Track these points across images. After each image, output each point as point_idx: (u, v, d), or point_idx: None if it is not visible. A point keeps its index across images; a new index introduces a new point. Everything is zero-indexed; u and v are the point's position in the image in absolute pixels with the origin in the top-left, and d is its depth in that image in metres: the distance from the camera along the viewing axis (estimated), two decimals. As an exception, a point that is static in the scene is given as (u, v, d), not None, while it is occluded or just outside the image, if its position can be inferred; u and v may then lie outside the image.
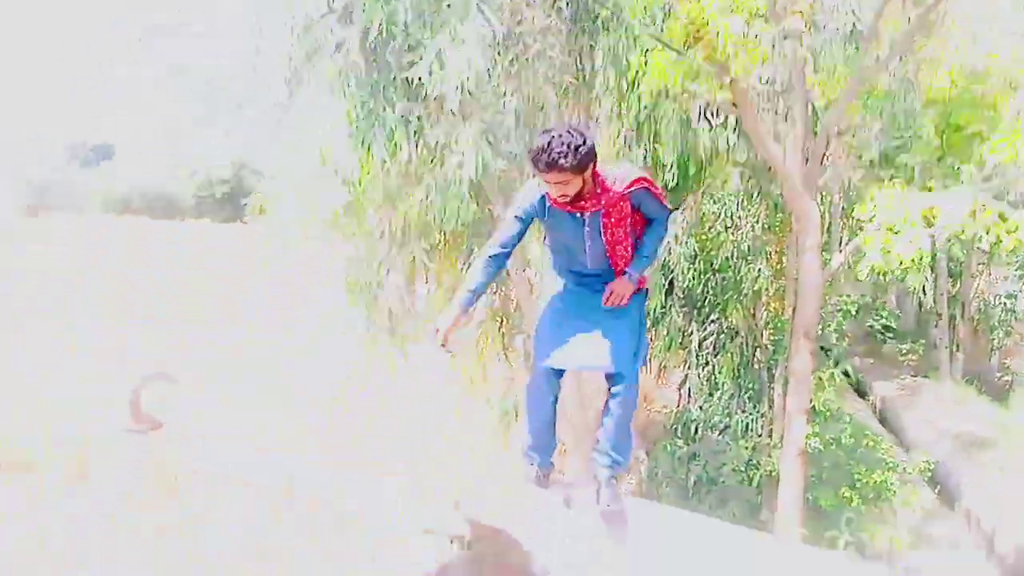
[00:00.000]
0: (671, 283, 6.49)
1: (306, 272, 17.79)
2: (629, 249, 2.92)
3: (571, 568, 2.66)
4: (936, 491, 9.17)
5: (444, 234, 5.64)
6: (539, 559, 2.73)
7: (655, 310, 6.48)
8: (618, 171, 2.84)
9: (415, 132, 4.77)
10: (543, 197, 2.80)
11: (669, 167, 5.99)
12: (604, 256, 2.91)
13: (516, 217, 2.88)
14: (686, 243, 6.09)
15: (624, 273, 2.89)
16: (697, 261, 6.39)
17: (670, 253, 6.16)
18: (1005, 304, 15.72)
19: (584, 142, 2.63)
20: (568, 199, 2.73)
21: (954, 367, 16.04)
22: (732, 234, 6.16)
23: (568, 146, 2.59)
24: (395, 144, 4.59)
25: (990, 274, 17.13)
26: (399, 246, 5.11)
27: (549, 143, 2.61)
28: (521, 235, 2.91)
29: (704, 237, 6.44)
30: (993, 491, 9.67)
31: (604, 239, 2.87)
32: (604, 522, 2.98)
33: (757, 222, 6.19)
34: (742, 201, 6.20)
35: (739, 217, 6.16)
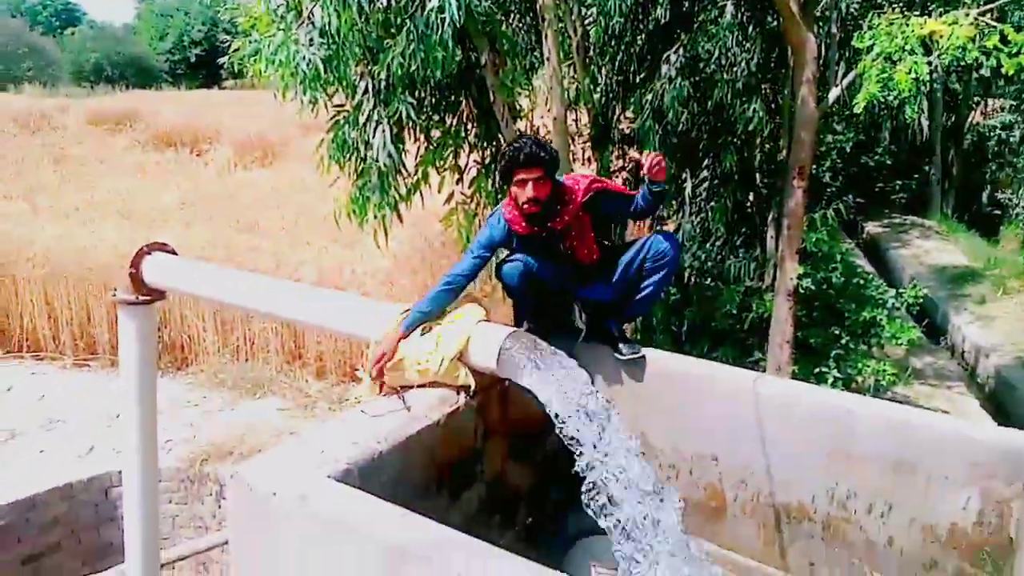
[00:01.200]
0: (664, 130, 6.36)
1: (289, 136, 17.42)
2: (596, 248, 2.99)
3: (577, 415, 2.73)
4: (923, 325, 9.43)
5: (430, 87, 5.44)
6: (544, 407, 2.80)
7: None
8: (571, 181, 2.90)
9: (392, -26, 4.51)
10: (507, 227, 2.86)
11: (663, 2, 5.74)
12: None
13: (480, 253, 2.90)
14: (679, 85, 5.89)
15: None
16: (690, 104, 6.21)
17: (662, 98, 5.99)
18: (1000, 136, 15.51)
19: (551, 145, 2.83)
20: (540, 206, 2.75)
21: (946, 203, 16.14)
22: (727, 72, 5.95)
23: (541, 144, 2.72)
24: (372, -12, 4.34)
25: (986, 106, 16.85)
26: (383, 102, 4.94)
27: (523, 142, 2.72)
28: (482, 267, 2.92)
29: (697, 78, 6.22)
30: (976, 322, 9.99)
31: (570, 254, 2.97)
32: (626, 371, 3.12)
33: (752, 59, 5.96)
34: (737, 37, 5.94)
35: (734, 54, 5.93)
